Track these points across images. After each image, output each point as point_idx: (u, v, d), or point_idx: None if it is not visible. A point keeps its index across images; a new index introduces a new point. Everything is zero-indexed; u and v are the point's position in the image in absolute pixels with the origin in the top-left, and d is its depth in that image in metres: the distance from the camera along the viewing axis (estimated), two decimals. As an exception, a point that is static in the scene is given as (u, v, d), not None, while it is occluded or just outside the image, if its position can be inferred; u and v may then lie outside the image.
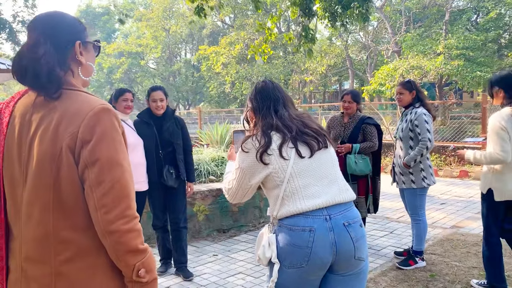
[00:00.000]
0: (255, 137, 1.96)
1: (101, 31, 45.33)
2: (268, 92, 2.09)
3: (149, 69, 40.45)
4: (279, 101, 2.07)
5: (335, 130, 4.51)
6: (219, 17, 35.80)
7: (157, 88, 3.94)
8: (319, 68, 27.90)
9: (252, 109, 2.12)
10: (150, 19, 37.01)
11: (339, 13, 9.53)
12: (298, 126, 1.99)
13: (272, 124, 1.98)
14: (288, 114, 2.04)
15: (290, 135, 1.94)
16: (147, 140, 3.86)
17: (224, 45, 29.86)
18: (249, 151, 1.94)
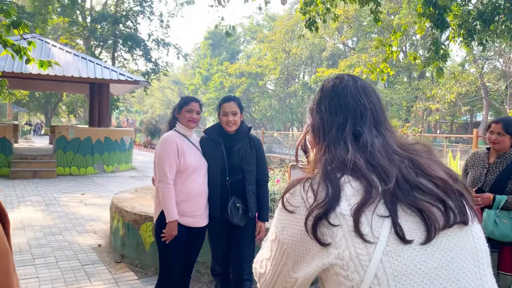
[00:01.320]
0: (309, 184, 1.00)
1: (226, 52, 47.45)
2: (344, 97, 1.11)
3: (267, 89, 41.01)
4: (366, 116, 1.09)
5: (474, 172, 3.24)
6: (341, 40, 34.93)
7: (229, 98, 3.13)
8: (448, 95, 25.28)
9: (315, 129, 1.14)
10: (272, 41, 37.67)
11: (478, 30, 8.08)
12: (401, 169, 0.99)
13: (346, 160, 1.00)
14: (382, 143, 1.05)
15: (382, 187, 0.95)
16: (212, 162, 3.11)
17: (343, 68, 28.87)
18: (295, 210, 1.00)
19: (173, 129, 3.12)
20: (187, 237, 3.03)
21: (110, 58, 28.42)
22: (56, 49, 13.34)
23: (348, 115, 1.09)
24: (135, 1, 27.97)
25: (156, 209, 3.04)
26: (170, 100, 59.27)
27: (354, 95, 1.11)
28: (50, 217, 6.89)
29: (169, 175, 2.91)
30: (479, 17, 7.79)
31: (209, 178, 3.10)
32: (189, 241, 3.08)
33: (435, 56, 6.43)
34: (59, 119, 49.41)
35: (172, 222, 2.88)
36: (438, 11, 6.26)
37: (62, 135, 12.36)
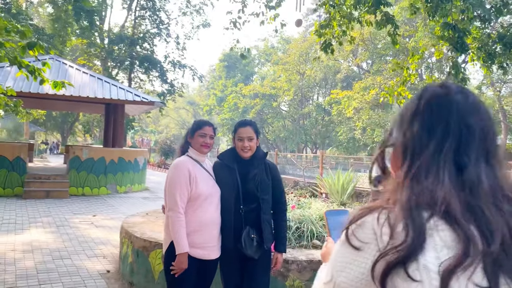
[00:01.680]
0: (385, 217, 0.78)
1: (241, 73, 47.81)
2: (449, 113, 0.85)
3: (281, 111, 41.02)
4: (473, 142, 0.83)
5: None
6: (355, 62, 34.92)
7: (246, 123, 2.97)
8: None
9: (402, 147, 0.88)
10: (286, 63, 37.85)
11: (498, 53, 7.91)
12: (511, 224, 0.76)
13: (437, 197, 0.77)
14: (492, 183, 0.80)
15: (483, 247, 0.72)
16: (226, 189, 2.92)
17: (358, 90, 28.75)
18: (362, 247, 0.78)
19: (185, 154, 2.96)
20: (198, 270, 2.84)
21: (127, 79, 28.79)
22: (73, 70, 13.49)
23: (449, 137, 0.83)
24: (152, 24, 28.45)
25: (166, 238, 2.85)
26: (185, 120, 59.70)
27: (462, 113, 0.85)
28: (60, 239, 6.78)
29: (179, 204, 2.73)
30: (499, 40, 7.63)
31: (222, 206, 2.92)
32: (200, 274, 2.89)
33: (454, 80, 6.25)
34: (75, 138, 50.00)
35: (182, 254, 2.68)
36: (457, 34, 6.12)
37: (76, 155, 12.38)
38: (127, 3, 28.60)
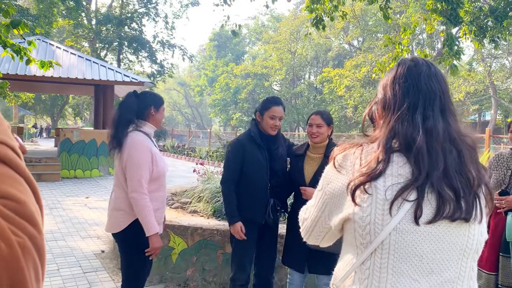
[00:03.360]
0: (360, 152, 1.18)
1: (232, 53, 47.31)
2: (418, 80, 1.19)
3: (273, 90, 40.83)
4: (435, 100, 1.18)
5: (497, 174, 3.08)
6: (346, 40, 34.69)
7: (279, 102, 3.09)
8: (457, 95, 24.97)
9: (382, 103, 1.24)
10: (277, 42, 37.49)
11: (490, 27, 7.88)
12: (447, 158, 1.12)
13: (408, 137, 1.13)
14: (443, 129, 1.15)
15: (426, 174, 1.09)
16: (258, 167, 3.06)
17: (349, 68, 28.64)
18: (341, 171, 1.21)
19: (138, 130, 2.71)
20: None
21: (116, 60, 28.40)
22: (61, 51, 13.24)
23: (419, 98, 1.17)
24: (140, 3, 27.93)
25: (120, 218, 2.65)
26: (176, 101, 59.27)
27: (427, 80, 1.19)
28: (53, 221, 6.75)
29: (144, 185, 2.58)
30: (491, 13, 7.59)
31: (255, 183, 3.06)
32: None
33: (449, 53, 6.21)
34: (66, 122, 49.54)
35: (155, 235, 2.60)
36: (451, 6, 6.06)
37: (67, 137, 12.26)
38: (113, -18, 28.00)
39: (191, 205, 4.82)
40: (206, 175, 5.61)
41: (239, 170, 3.06)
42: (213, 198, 4.65)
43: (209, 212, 4.48)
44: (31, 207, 0.55)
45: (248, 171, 3.06)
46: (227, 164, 3.11)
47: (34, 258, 0.52)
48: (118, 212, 2.66)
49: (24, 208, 0.53)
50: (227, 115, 42.62)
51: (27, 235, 0.52)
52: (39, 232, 0.55)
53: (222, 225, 3.98)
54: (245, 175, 3.08)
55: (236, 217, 3.00)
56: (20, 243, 0.50)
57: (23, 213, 0.53)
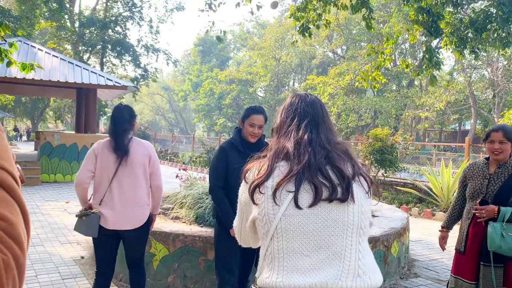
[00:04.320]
0: (259, 166, 1.52)
1: (216, 58, 47.33)
2: (296, 106, 1.59)
3: (257, 96, 40.95)
4: (308, 118, 1.55)
5: (474, 183, 3.10)
6: (330, 48, 35.05)
7: (260, 111, 3.15)
8: (437, 104, 25.40)
9: (275, 130, 1.65)
10: (262, 48, 37.67)
11: (470, 38, 8.05)
12: (316, 156, 1.45)
13: (285, 148, 1.49)
14: (314, 138, 1.50)
15: (297, 167, 1.42)
16: (239, 173, 3.04)
17: (333, 76, 28.92)
18: (248, 182, 1.52)
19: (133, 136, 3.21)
20: None
21: (99, 63, 28.11)
22: (42, 53, 13.05)
23: (295, 118, 1.55)
24: (124, 7, 27.75)
25: (147, 213, 3.15)
26: (159, 106, 58.90)
27: (303, 105, 1.57)
28: (32, 226, 6.58)
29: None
30: (471, 25, 7.75)
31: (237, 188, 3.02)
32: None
33: (428, 64, 6.33)
34: (46, 125, 48.74)
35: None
36: (431, 18, 6.18)
37: (47, 141, 12.06)
38: (98, -15, 27.77)
39: (173, 211, 4.79)
40: (189, 180, 5.59)
41: (224, 175, 3.10)
42: (196, 204, 4.63)
43: (191, 218, 4.46)
44: (19, 229, 0.61)
45: (230, 177, 3.09)
46: (212, 171, 3.16)
47: (14, 276, 0.57)
48: (142, 207, 3.10)
49: (13, 229, 0.59)
50: (211, 121, 42.54)
51: (12, 254, 0.57)
52: (23, 252, 0.60)
53: (204, 232, 3.96)
54: (227, 181, 3.12)
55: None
56: (4, 260, 0.56)
57: (12, 233, 0.59)
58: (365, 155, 10.51)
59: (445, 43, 7.87)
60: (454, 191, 8.66)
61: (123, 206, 3.02)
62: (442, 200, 8.87)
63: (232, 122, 42.14)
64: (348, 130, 31.10)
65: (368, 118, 29.84)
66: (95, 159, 3.07)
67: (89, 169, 3.08)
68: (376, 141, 9.92)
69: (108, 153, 3.05)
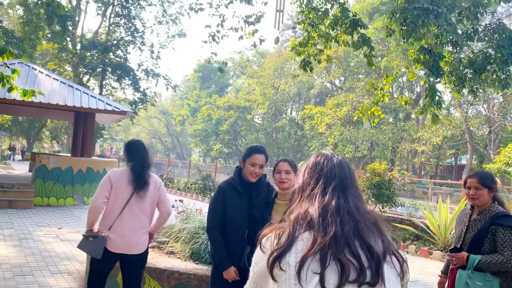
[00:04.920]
0: (279, 234, 1.32)
1: (216, 85, 47.76)
2: (321, 166, 1.44)
3: (254, 123, 41.12)
4: (336, 181, 1.39)
5: (458, 230, 3.18)
6: (329, 79, 35.47)
7: (262, 151, 3.16)
8: (434, 138, 25.55)
9: (297, 191, 1.47)
10: (261, 77, 38.07)
11: (469, 78, 8.14)
12: (344, 228, 1.28)
13: (308, 214, 1.31)
14: (342, 204, 1.33)
15: (323, 240, 1.24)
16: (236, 213, 3.07)
17: (331, 106, 29.17)
18: (265, 251, 1.33)
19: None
20: None
21: (98, 85, 28.22)
22: (43, 76, 13.09)
23: (320, 179, 1.39)
24: (126, 31, 28.08)
25: (148, 239, 3.54)
26: (157, 130, 58.95)
27: (329, 166, 1.42)
28: (22, 254, 6.46)
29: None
30: (470, 65, 7.85)
31: (232, 229, 3.06)
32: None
33: (431, 103, 6.38)
34: (42, 145, 48.53)
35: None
36: (433, 58, 6.26)
37: (43, 163, 11.95)
38: (101, 9, 28.17)
39: (168, 245, 4.68)
40: (186, 213, 5.50)
41: (222, 215, 3.09)
42: (192, 239, 4.54)
43: (186, 254, 4.36)
44: None
45: (226, 217, 3.09)
46: (210, 211, 3.15)
47: None
48: (146, 234, 3.49)
49: None
50: (207, 146, 42.56)
51: None
52: None
53: (199, 269, 3.87)
54: (223, 220, 3.12)
55: (228, 262, 3.00)
56: None
57: None
58: (363, 189, 10.46)
59: (444, 82, 7.96)
60: (452, 230, 8.57)
61: (132, 232, 3.34)
62: (439, 238, 8.76)
63: (228, 148, 42.17)
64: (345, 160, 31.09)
65: (365, 150, 29.91)
66: (110, 186, 3.34)
67: (105, 195, 3.33)
68: (374, 175, 9.91)
69: (125, 184, 3.35)
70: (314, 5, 7.49)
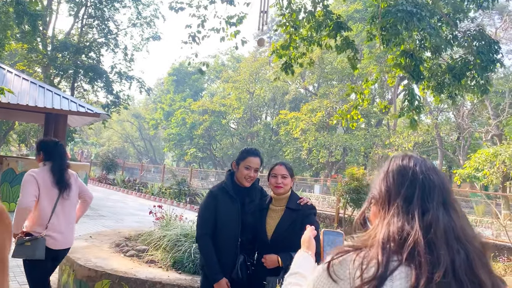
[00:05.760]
0: (360, 261, 1.00)
1: (190, 89, 47.27)
2: (413, 170, 1.10)
3: (229, 128, 40.89)
4: (434, 192, 1.06)
5: None
6: (303, 85, 35.66)
7: (257, 153, 3.00)
8: (406, 144, 25.98)
9: (376, 199, 1.13)
10: (236, 81, 37.93)
11: (447, 84, 8.22)
12: (455, 261, 0.96)
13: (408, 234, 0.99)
14: (447, 224, 1.00)
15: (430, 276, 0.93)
16: (229, 220, 2.87)
17: (305, 112, 29.29)
18: (338, 281, 1.01)
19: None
20: None
21: (69, 88, 27.43)
22: (12, 76, 12.55)
23: (415, 189, 1.06)
24: (99, 33, 27.44)
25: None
26: (129, 133, 57.88)
27: (423, 170, 1.09)
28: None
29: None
30: (449, 71, 7.93)
31: (225, 236, 2.85)
32: None
33: (410, 107, 6.37)
34: (9, 148, 46.83)
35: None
36: (414, 62, 6.26)
37: (10, 167, 11.42)
38: (74, 10, 27.46)
39: (147, 254, 4.44)
40: (165, 219, 5.27)
41: (213, 222, 2.89)
42: (173, 247, 4.31)
43: (168, 262, 4.14)
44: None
45: (217, 223, 2.89)
46: (200, 217, 2.94)
47: None
48: (75, 226, 3.63)
49: None
50: (181, 150, 42.00)
51: None
52: None
53: (183, 280, 3.65)
54: (215, 227, 2.91)
55: (220, 274, 2.78)
56: None
57: None
58: (341, 194, 10.43)
59: (423, 87, 8.01)
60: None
61: (68, 227, 3.49)
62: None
63: (203, 152, 41.73)
64: (319, 166, 31.28)
65: (338, 155, 30.16)
66: (37, 186, 3.33)
67: (34, 195, 3.30)
68: (352, 180, 9.90)
69: (49, 185, 3.40)
70: (295, 8, 7.41)
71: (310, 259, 1.38)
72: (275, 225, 2.79)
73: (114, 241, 5.01)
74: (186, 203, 16.36)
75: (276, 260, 2.68)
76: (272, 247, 2.75)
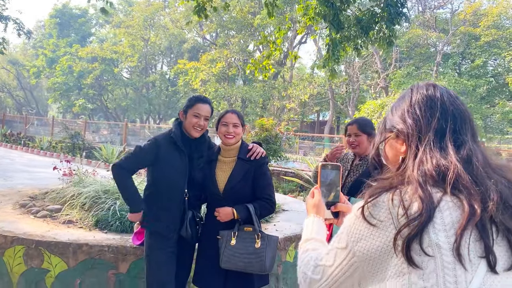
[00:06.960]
0: (399, 198, 0.91)
1: (76, 33, 43.07)
2: (442, 101, 1.02)
3: (122, 77, 38.58)
4: (466, 123, 1.01)
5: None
6: (202, 34, 34.60)
7: (205, 100, 2.72)
8: (302, 96, 27.03)
9: (403, 134, 1.03)
10: (129, 27, 35.43)
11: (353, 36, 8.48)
12: (501, 189, 0.91)
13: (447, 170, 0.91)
14: (483, 157, 0.96)
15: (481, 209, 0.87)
16: (176, 174, 2.62)
17: (205, 62, 28.64)
18: (378, 224, 0.92)
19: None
20: None
21: None
22: None
23: (448, 121, 0.99)
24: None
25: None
26: (5, 82, 51.58)
27: (452, 101, 1.03)
28: None
29: None
30: (357, 23, 8.15)
31: (172, 191, 2.62)
32: None
33: (331, 57, 6.44)
34: None
35: None
36: (335, 12, 6.27)
37: None
38: None
39: (63, 214, 3.97)
40: (78, 175, 4.75)
41: (138, 169, 2.77)
42: (94, 206, 3.90)
43: (90, 222, 3.74)
44: None
45: (162, 176, 2.64)
46: (132, 155, 2.66)
47: None
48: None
49: None
50: (68, 101, 38.70)
51: None
52: None
53: (112, 240, 3.32)
54: (158, 181, 2.67)
55: (141, 205, 2.66)
56: None
57: None
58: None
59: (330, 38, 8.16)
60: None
61: None
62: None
63: (93, 103, 38.95)
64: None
65: (238, 107, 30.37)
66: None
67: None
68: (262, 130, 9.98)
69: None
70: None
71: (322, 224, 1.26)
72: (226, 177, 2.61)
73: (17, 201, 4.39)
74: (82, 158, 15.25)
75: (231, 213, 2.52)
76: (225, 200, 2.58)
